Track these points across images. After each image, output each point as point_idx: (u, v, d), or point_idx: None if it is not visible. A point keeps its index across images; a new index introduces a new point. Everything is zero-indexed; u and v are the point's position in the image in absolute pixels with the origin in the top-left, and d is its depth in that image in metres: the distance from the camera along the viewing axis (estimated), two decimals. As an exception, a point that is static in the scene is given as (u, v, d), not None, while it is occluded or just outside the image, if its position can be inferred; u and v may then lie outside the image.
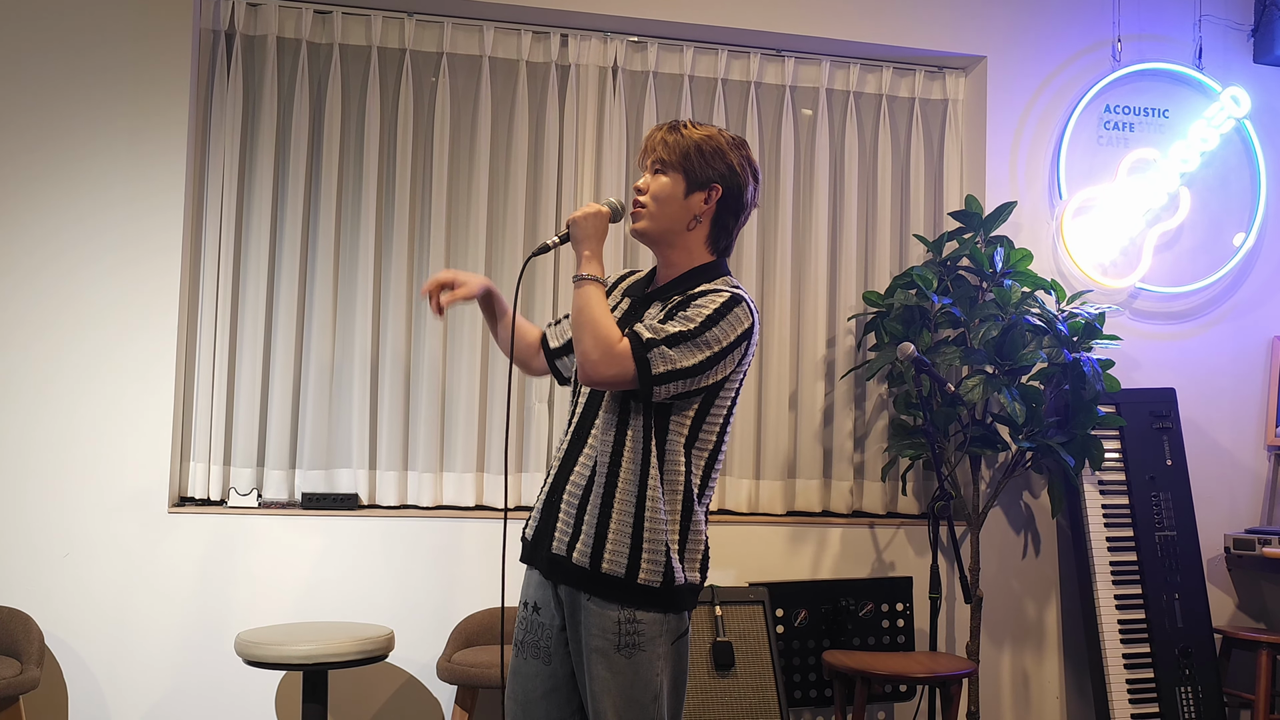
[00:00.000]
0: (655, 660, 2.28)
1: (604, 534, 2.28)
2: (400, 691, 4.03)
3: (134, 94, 3.95)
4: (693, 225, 2.40)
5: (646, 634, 2.28)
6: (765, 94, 4.60)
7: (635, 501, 2.28)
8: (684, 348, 2.25)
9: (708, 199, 2.40)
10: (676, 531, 2.29)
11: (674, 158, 2.38)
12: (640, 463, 2.29)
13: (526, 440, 4.32)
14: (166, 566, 3.89)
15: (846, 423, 4.53)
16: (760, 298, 4.53)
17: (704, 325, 2.27)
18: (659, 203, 2.39)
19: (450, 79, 4.32)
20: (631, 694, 2.26)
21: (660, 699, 2.28)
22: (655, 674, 2.28)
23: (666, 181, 2.39)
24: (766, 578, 4.27)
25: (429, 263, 4.26)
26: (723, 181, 2.40)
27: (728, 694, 3.69)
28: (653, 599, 2.28)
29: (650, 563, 2.26)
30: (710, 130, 2.43)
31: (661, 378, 2.24)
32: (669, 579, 2.28)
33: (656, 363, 2.24)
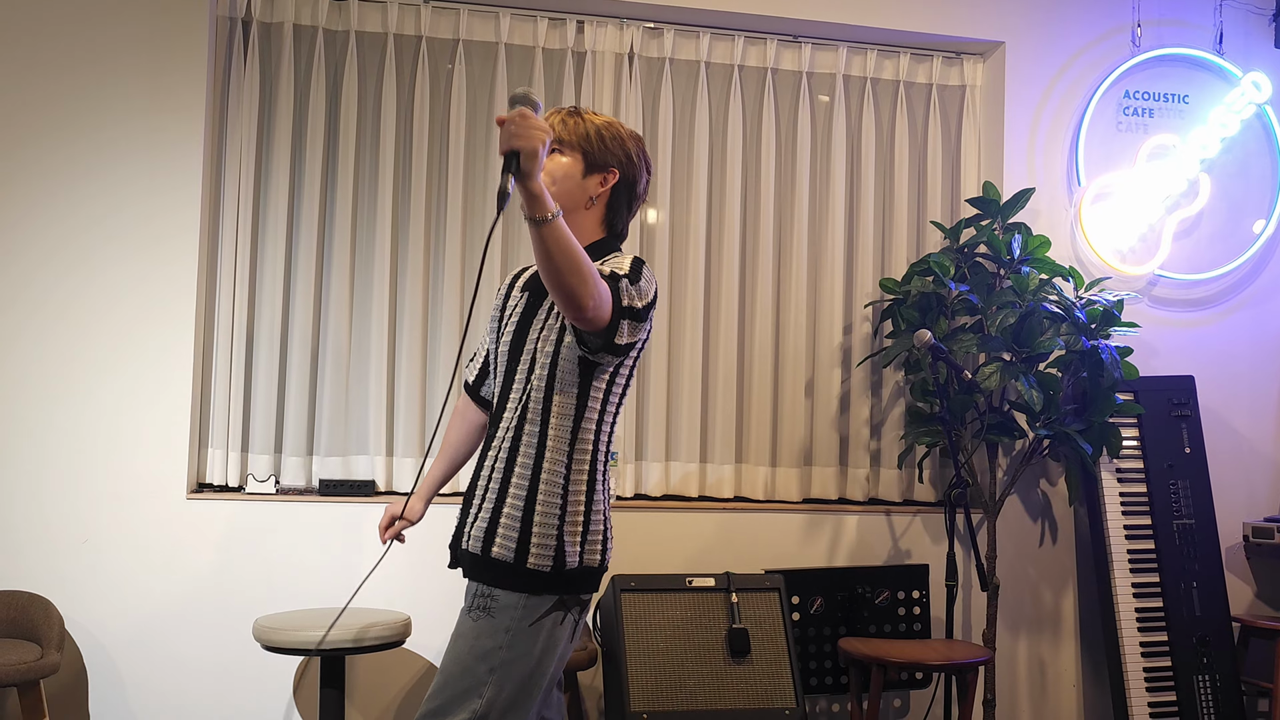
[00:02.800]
0: (499, 631, 2.27)
1: (496, 519, 2.32)
2: (417, 677, 4.05)
3: (151, 81, 3.96)
4: (588, 205, 2.44)
5: (500, 603, 2.28)
6: (782, 80, 4.58)
7: (527, 485, 2.30)
8: (624, 281, 2.26)
9: (604, 181, 2.44)
10: (569, 515, 2.31)
11: (574, 139, 2.42)
12: (535, 446, 2.32)
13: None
14: (185, 553, 3.91)
15: (863, 410, 4.52)
16: (776, 285, 4.52)
17: (633, 272, 2.30)
18: (556, 181, 2.40)
19: (466, 66, 4.32)
20: (461, 653, 2.27)
21: (496, 672, 2.25)
22: (498, 646, 2.26)
23: (565, 161, 2.41)
24: (782, 564, 4.27)
25: (445, 249, 4.26)
26: (620, 167, 2.45)
27: (743, 680, 3.70)
28: (515, 578, 2.28)
29: (539, 546, 2.28)
30: (610, 119, 2.48)
31: (627, 307, 2.25)
32: (559, 563, 2.29)
33: (622, 295, 2.25)
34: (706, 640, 3.74)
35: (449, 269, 4.26)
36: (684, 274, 4.45)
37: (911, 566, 4.28)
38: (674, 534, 4.23)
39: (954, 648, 3.83)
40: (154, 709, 3.87)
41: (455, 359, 4.23)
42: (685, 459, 4.40)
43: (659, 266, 4.42)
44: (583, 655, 3.66)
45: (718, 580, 3.85)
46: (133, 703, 3.86)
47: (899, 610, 4.23)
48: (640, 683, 3.62)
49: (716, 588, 3.84)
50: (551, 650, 2.31)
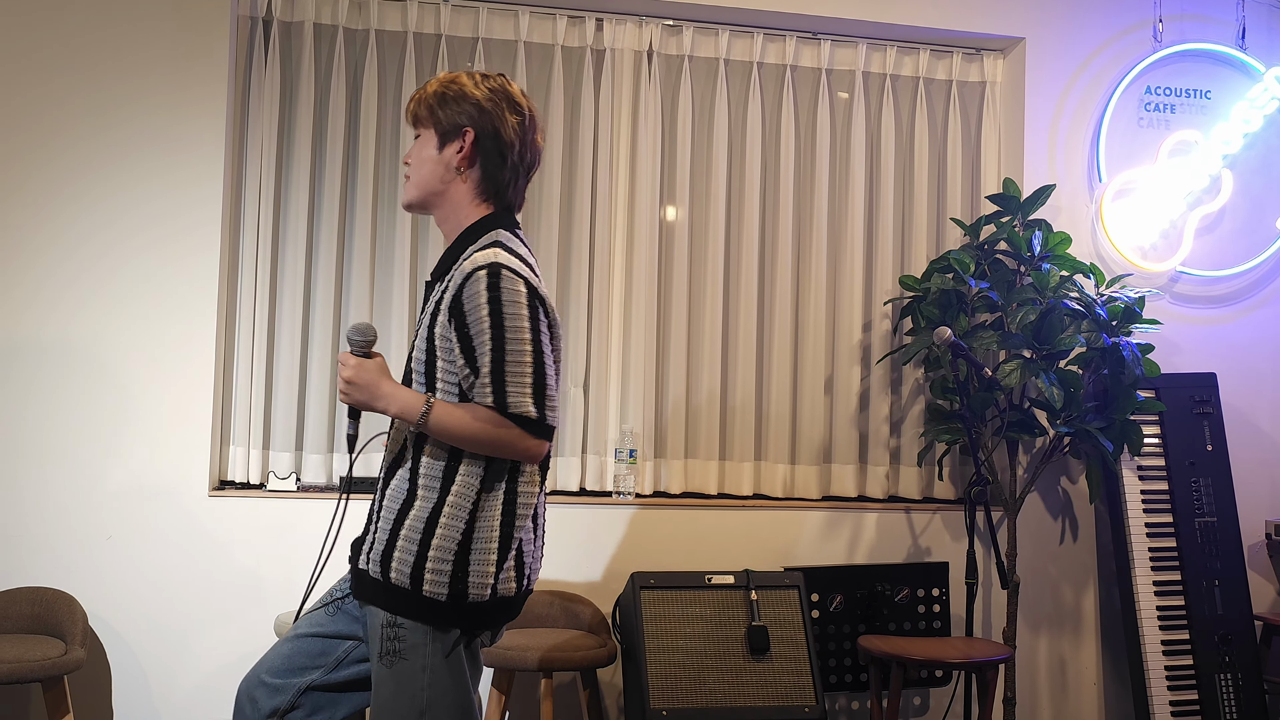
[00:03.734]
0: (420, 673, 2.13)
1: (394, 541, 2.14)
2: (437, 674, 4.05)
3: (173, 80, 3.98)
4: (459, 178, 2.24)
5: (408, 643, 2.13)
6: (801, 77, 4.58)
7: (430, 507, 2.13)
8: (509, 368, 2.07)
9: (461, 146, 2.23)
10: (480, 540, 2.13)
11: (422, 113, 2.26)
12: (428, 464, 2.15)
13: (561, 424, 4.33)
14: (207, 549, 3.93)
15: (883, 407, 4.52)
16: (796, 282, 4.52)
17: (495, 328, 2.07)
18: (418, 167, 2.26)
19: (486, 64, 4.32)
20: (393, 706, 2.13)
21: (426, 715, 2.13)
22: (420, 687, 2.13)
23: (422, 143, 2.27)
24: (802, 562, 4.27)
25: (465, 248, 4.27)
26: (472, 123, 2.22)
27: (763, 677, 3.70)
28: (420, 608, 2.12)
29: (434, 572, 2.10)
30: (455, 75, 2.28)
31: (541, 414, 2.08)
32: (456, 590, 2.11)
33: (526, 409, 2.07)
34: (726, 638, 3.74)
35: (469, 267, 4.26)
36: (703, 272, 4.44)
37: (931, 564, 4.27)
38: (693, 531, 4.24)
39: (974, 645, 3.82)
40: (176, 704, 3.89)
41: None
42: (704, 456, 4.40)
43: (678, 264, 4.42)
44: (602, 652, 3.67)
45: (737, 578, 3.85)
46: (155, 698, 3.88)
47: (919, 608, 4.22)
48: (659, 680, 3.62)
49: (736, 585, 3.84)
50: (472, 677, 2.21)
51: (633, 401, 4.36)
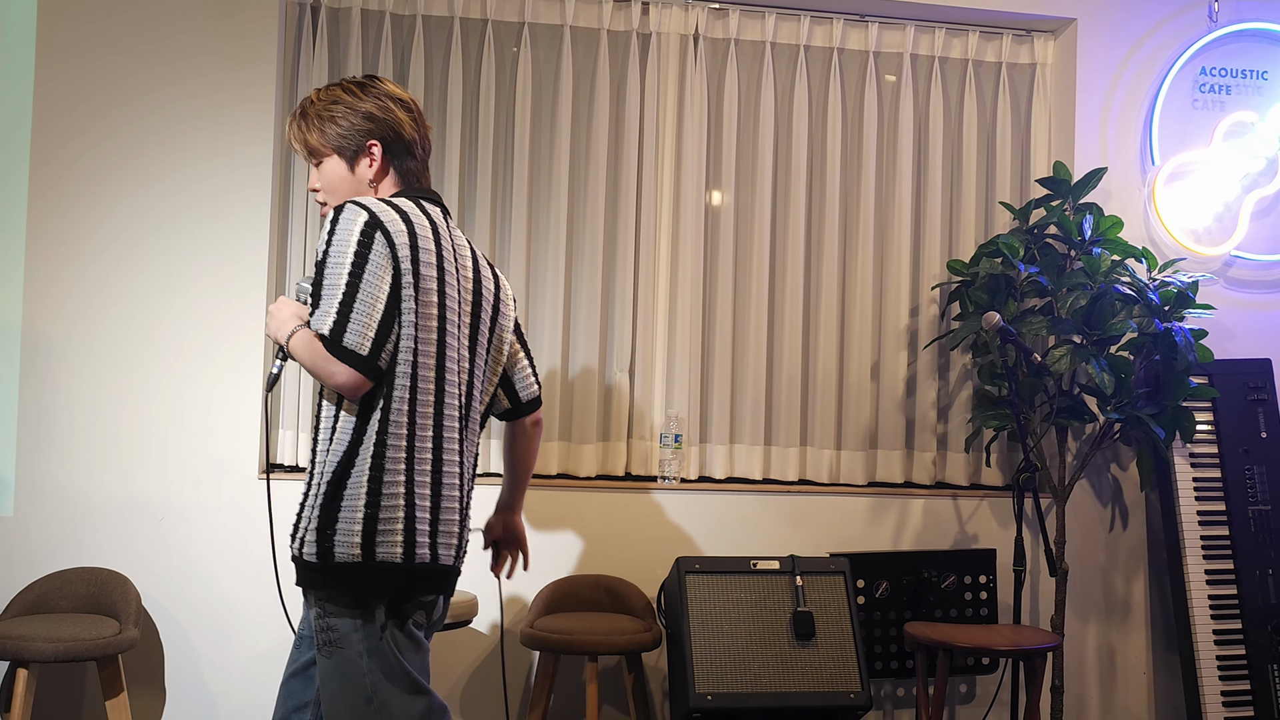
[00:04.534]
0: (359, 658, 2.13)
1: (300, 516, 2.18)
2: (484, 656, 4.09)
3: (222, 67, 4.02)
4: (377, 181, 2.33)
5: (340, 631, 2.14)
6: (848, 60, 4.54)
7: (330, 477, 2.14)
8: (325, 289, 2.12)
9: (372, 160, 2.32)
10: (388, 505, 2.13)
11: (314, 142, 2.32)
12: (332, 433, 2.18)
13: (607, 408, 4.34)
14: (257, 531, 3.98)
15: (930, 393, 4.48)
16: (842, 267, 4.49)
17: (322, 255, 2.14)
18: (332, 190, 2.33)
19: (532, 49, 4.33)
20: (341, 697, 2.14)
21: (375, 701, 2.13)
22: (362, 672, 2.13)
23: (326, 168, 2.33)
24: (847, 548, 4.26)
25: (511, 233, 4.28)
26: (374, 134, 2.31)
27: (808, 663, 3.69)
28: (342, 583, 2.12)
29: (344, 540, 2.10)
30: (334, 93, 2.33)
31: (337, 335, 2.09)
32: (323, 549, 2.12)
33: (323, 327, 2.10)
34: (771, 623, 3.74)
35: (514, 250, 4.28)
36: (749, 256, 4.43)
37: (978, 551, 4.25)
38: (738, 517, 4.23)
39: (1021, 633, 3.80)
40: (227, 683, 3.95)
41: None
42: (749, 442, 4.39)
43: (724, 249, 4.41)
44: (647, 636, 3.68)
45: (782, 563, 3.84)
46: (207, 677, 3.94)
47: (965, 595, 4.19)
48: (704, 664, 3.63)
49: (781, 570, 3.83)
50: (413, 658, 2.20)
51: (678, 386, 4.36)
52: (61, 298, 3.91)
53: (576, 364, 4.31)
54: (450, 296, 2.25)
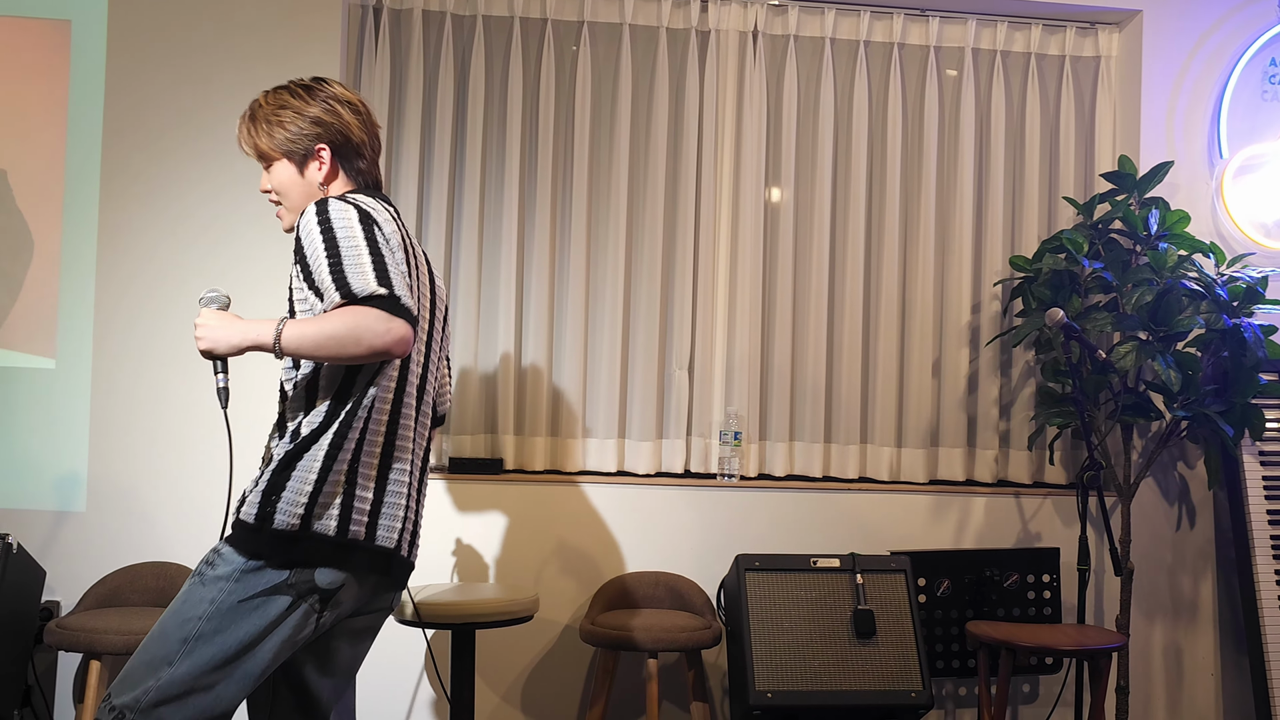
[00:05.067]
0: (203, 601, 2.08)
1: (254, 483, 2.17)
2: (544, 652, 4.12)
3: (286, 69, 4.07)
4: (327, 183, 2.33)
5: (216, 570, 2.10)
6: (909, 55, 4.51)
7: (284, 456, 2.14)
8: (347, 264, 2.08)
9: (320, 162, 2.32)
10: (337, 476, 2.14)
11: (264, 146, 2.32)
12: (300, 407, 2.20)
13: (666, 406, 4.35)
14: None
15: (992, 390, 4.45)
16: (902, 263, 4.46)
17: (328, 241, 2.11)
18: (285, 194, 2.34)
19: (591, 47, 4.34)
20: (165, 616, 2.10)
21: (189, 643, 2.06)
22: (198, 616, 2.08)
23: (278, 171, 2.33)
24: (908, 546, 4.23)
25: (571, 232, 4.30)
26: (321, 138, 2.31)
27: (869, 662, 3.68)
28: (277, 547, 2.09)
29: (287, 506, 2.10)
30: (281, 98, 2.32)
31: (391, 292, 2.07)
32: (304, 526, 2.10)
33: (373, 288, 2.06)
34: (831, 621, 3.73)
35: (574, 248, 4.30)
36: (808, 253, 4.42)
37: (1042, 550, 4.20)
38: (798, 514, 4.22)
39: (1086, 633, 3.75)
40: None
41: (584, 338, 4.29)
42: (809, 439, 4.38)
43: (783, 246, 4.40)
44: (707, 634, 3.68)
45: (843, 561, 3.83)
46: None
47: (1028, 594, 4.15)
48: (764, 662, 3.63)
49: (841, 568, 3.82)
50: (267, 637, 2.11)
51: (737, 384, 4.36)
52: (130, 301, 3.99)
53: (636, 361, 4.32)
54: (419, 294, 2.30)
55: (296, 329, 2.07)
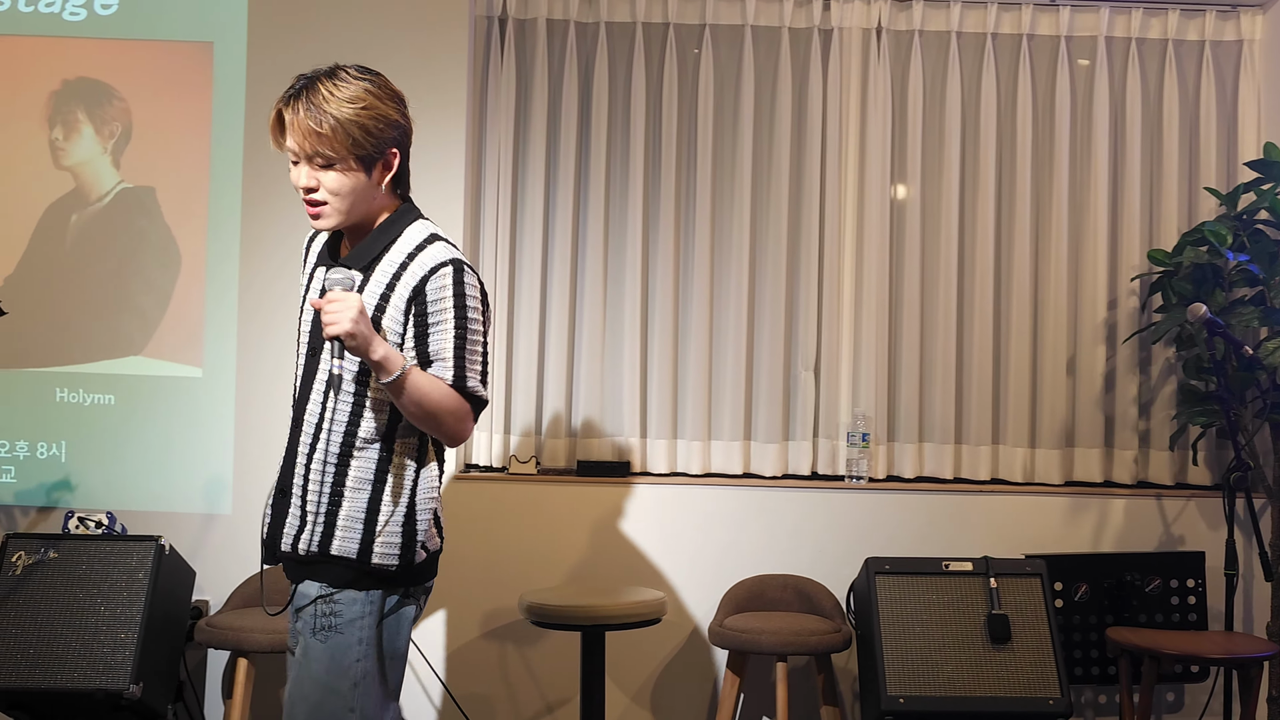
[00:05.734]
0: (356, 645, 2.18)
1: (333, 522, 2.20)
2: (673, 654, 4.14)
3: (416, 81, 4.14)
4: (379, 189, 2.23)
5: (345, 615, 2.19)
6: (1038, 47, 4.41)
7: (372, 484, 2.21)
8: (468, 353, 2.20)
9: (388, 166, 2.22)
10: (420, 509, 2.25)
11: (341, 150, 2.13)
12: (380, 445, 2.22)
13: (792, 408, 4.33)
14: (453, 530, 4.09)
15: (1130, 388, 4.31)
16: (1034, 259, 4.36)
17: (459, 316, 2.18)
18: (343, 198, 2.17)
19: (713, 50, 4.35)
20: (327, 680, 2.17)
21: (361, 685, 2.19)
22: (354, 659, 2.18)
23: (343, 177, 2.16)
24: (1043, 549, 4.13)
25: (695, 236, 4.32)
26: (396, 143, 2.22)
27: (1004, 668, 3.60)
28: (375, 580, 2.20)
29: (384, 543, 2.20)
30: (357, 92, 2.14)
31: (483, 396, 2.24)
32: (406, 559, 2.23)
33: (482, 392, 2.23)
34: (964, 626, 3.67)
35: (699, 252, 4.31)
36: (936, 250, 4.35)
37: (1185, 554, 4.07)
38: (928, 517, 4.16)
39: (1235, 640, 3.62)
40: (430, 675, 4.10)
41: (709, 340, 4.30)
42: (939, 440, 4.31)
43: (910, 243, 4.34)
44: (837, 638, 3.66)
45: (975, 564, 3.76)
46: (413, 665, 4.10)
47: (1171, 599, 4.02)
48: (896, 666, 3.58)
49: (974, 572, 3.75)
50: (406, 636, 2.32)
51: (864, 385, 4.31)
52: (272, 310, 4.13)
53: (761, 363, 4.31)
54: None
55: (418, 382, 2.14)
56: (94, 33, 4.19)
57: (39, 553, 3.70)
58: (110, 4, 4.20)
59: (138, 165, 4.19)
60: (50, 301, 4.15)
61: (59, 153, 4.20)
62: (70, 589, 3.64)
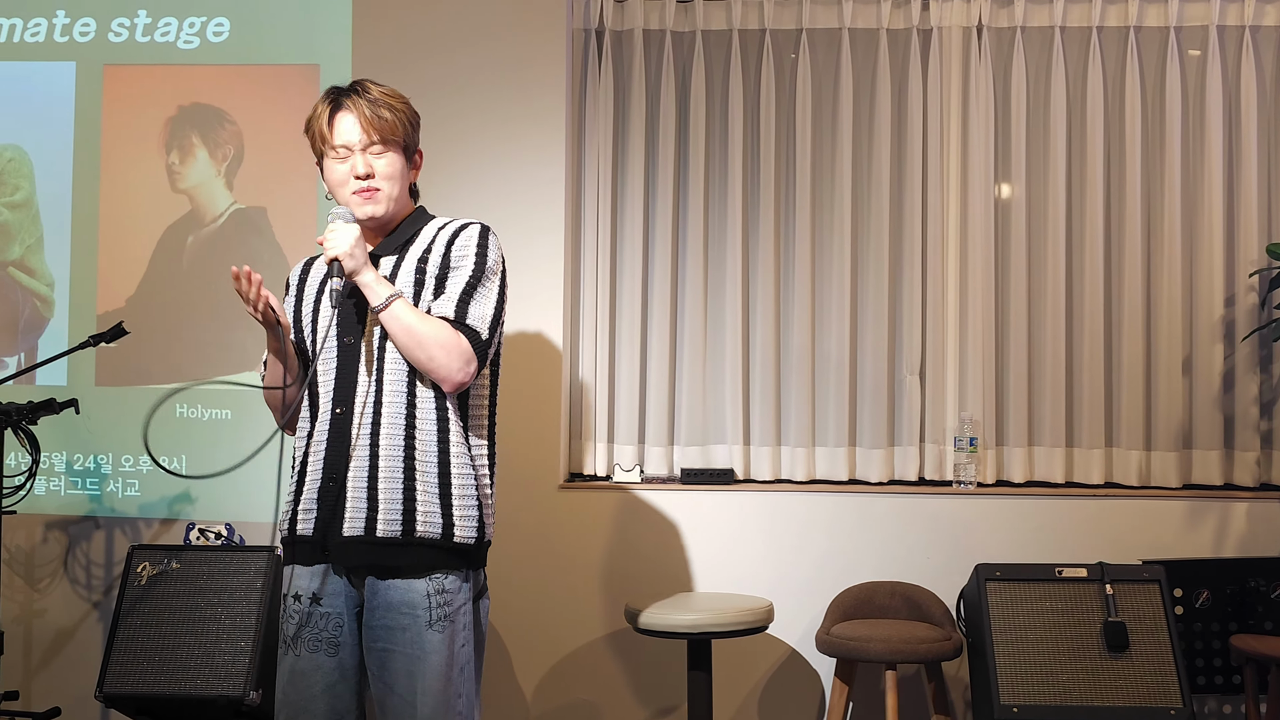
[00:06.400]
0: (463, 630, 2.33)
1: (411, 500, 2.31)
2: (780, 662, 4.12)
3: (515, 96, 4.23)
4: (406, 193, 2.50)
5: (453, 600, 2.31)
6: (1146, 39, 4.29)
7: (438, 461, 2.34)
8: (477, 294, 2.37)
9: (417, 164, 2.51)
10: (485, 486, 2.41)
11: (397, 135, 2.41)
12: (436, 420, 2.35)
13: (897, 413, 4.28)
14: (559, 539, 4.16)
15: (1250, 388, 4.17)
16: (1146, 256, 4.25)
17: (479, 265, 2.38)
18: (392, 182, 2.41)
19: (810, 54, 4.33)
20: (445, 670, 2.27)
21: (466, 668, 2.33)
22: (460, 644, 2.31)
23: (394, 159, 2.41)
24: (1161, 555, 4.02)
25: (795, 241, 4.30)
26: (418, 146, 2.52)
27: (1122, 676, 3.51)
28: (461, 559, 2.34)
29: (463, 520, 2.33)
30: (395, 95, 2.44)
31: (489, 339, 2.37)
32: (481, 535, 2.38)
33: (480, 328, 2.35)
34: (1079, 633, 3.58)
35: (799, 258, 4.29)
36: (1043, 250, 4.26)
37: (1313, 558, 3.92)
38: (1039, 522, 4.08)
39: (1367, 649, 3.48)
40: (538, 684, 4.14)
41: (811, 345, 4.27)
42: (1050, 443, 4.22)
43: (1015, 245, 4.26)
44: (948, 645, 3.60)
45: (1090, 570, 3.67)
46: (520, 678, 4.15)
47: (1300, 606, 3.88)
48: (1009, 675, 3.52)
49: (1089, 578, 3.67)
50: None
51: (971, 388, 4.24)
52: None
53: (864, 368, 4.27)
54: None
55: (408, 310, 2.31)
56: (206, 59, 4.34)
57: (162, 563, 3.84)
58: (222, 31, 4.34)
59: (250, 186, 4.32)
60: (169, 321, 4.29)
61: (175, 176, 4.35)
62: (191, 598, 3.76)
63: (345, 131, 2.39)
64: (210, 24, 4.35)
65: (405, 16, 4.26)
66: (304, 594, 2.34)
